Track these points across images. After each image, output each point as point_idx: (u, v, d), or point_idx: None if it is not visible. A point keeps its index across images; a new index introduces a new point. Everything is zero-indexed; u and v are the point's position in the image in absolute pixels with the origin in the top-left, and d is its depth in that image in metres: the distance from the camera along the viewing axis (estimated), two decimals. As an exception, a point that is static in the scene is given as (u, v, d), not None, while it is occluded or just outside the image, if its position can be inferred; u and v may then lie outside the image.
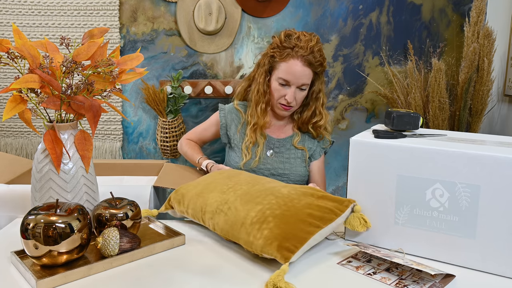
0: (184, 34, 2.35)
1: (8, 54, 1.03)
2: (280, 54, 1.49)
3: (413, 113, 1.12)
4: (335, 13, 2.42)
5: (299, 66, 1.46)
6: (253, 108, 1.60)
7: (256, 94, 1.59)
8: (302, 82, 1.48)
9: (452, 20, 2.46)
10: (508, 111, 2.24)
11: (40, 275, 0.89)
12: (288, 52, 1.47)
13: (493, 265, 0.94)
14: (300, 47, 1.46)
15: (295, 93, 1.50)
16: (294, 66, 1.46)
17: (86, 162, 1.08)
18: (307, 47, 1.46)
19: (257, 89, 1.58)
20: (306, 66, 1.46)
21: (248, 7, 2.36)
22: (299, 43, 1.47)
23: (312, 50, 1.46)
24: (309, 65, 1.46)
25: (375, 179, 1.05)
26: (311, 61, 1.46)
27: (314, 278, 0.92)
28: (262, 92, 1.57)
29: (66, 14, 2.31)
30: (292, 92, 1.49)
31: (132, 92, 2.40)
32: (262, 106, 1.57)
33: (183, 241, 1.08)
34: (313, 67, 1.47)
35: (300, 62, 1.46)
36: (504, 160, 0.90)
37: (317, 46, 1.49)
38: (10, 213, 1.27)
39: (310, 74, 1.49)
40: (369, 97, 2.50)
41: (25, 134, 2.40)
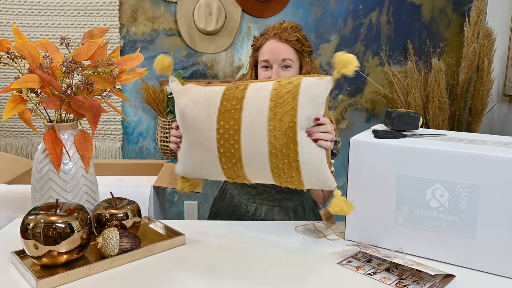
0: (184, 34, 2.35)
1: (8, 54, 1.03)
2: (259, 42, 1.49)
3: (413, 113, 1.12)
4: (335, 13, 2.42)
5: (274, 43, 1.44)
6: None
7: None
8: (281, 57, 1.42)
9: (452, 20, 2.46)
10: (508, 111, 2.24)
11: (40, 275, 0.89)
12: (264, 37, 1.48)
13: (493, 265, 0.94)
14: (274, 28, 1.46)
15: (279, 72, 1.45)
16: (270, 45, 1.44)
17: (86, 162, 1.08)
18: (280, 27, 1.45)
19: None
20: (282, 42, 1.43)
21: (248, 7, 2.36)
22: (273, 27, 1.48)
23: (286, 28, 1.44)
24: (286, 41, 1.43)
25: (375, 179, 1.04)
26: (287, 37, 1.43)
27: (314, 278, 0.93)
28: None
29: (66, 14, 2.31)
30: (275, 70, 1.44)
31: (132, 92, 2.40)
32: None
33: (183, 241, 1.08)
34: (291, 43, 1.43)
35: (274, 40, 1.44)
36: (504, 160, 0.90)
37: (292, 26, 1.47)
38: (10, 213, 1.27)
39: (289, 49, 1.44)
40: (369, 97, 2.50)
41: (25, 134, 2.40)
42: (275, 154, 1.03)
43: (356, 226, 1.09)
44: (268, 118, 1.03)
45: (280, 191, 1.43)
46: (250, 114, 1.04)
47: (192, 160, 1.13)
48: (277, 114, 1.02)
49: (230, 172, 1.10)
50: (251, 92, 1.07)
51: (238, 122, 1.04)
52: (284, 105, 1.02)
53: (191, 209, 2.60)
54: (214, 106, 1.08)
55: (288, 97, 1.03)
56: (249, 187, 1.44)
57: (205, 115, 1.08)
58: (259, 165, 1.06)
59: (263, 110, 1.03)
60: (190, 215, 2.60)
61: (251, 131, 1.03)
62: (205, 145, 1.08)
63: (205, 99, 1.10)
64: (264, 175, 1.08)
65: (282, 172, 1.05)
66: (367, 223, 1.07)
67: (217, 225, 1.22)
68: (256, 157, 1.05)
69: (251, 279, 0.92)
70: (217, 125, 1.06)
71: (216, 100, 1.08)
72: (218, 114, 1.07)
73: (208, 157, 1.09)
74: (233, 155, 1.06)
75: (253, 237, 1.13)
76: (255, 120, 1.04)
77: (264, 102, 1.04)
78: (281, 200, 1.43)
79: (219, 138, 1.06)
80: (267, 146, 1.03)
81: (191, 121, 1.09)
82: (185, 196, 2.59)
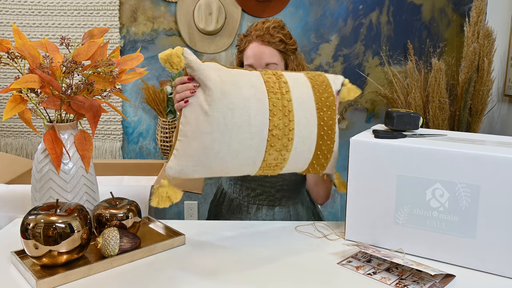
0: (184, 34, 2.35)
1: (8, 54, 1.03)
2: (242, 44, 1.46)
3: (413, 113, 1.12)
4: (335, 13, 2.42)
5: (257, 46, 1.41)
6: None
7: None
8: (265, 62, 1.39)
9: (452, 20, 2.46)
10: (508, 111, 2.24)
11: (40, 275, 0.89)
12: (247, 39, 1.44)
13: (493, 265, 0.94)
14: (256, 29, 1.42)
15: None
16: (254, 48, 1.41)
17: (86, 162, 1.08)
18: (262, 28, 1.42)
19: None
20: (265, 45, 1.40)
21: (248, 7, 2.36)
22: (255, 27, 1.44)
23: (268, 29, 1.41)
24: (269, 44, 1.39)
25: (375, 179, 1.05)
26: (269, 40, 1.39)
27: (314, 278, 0.93)
28: None
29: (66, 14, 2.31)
30: None
31: (132, 92, 2.40)
32: None
33: (183, 241, 1.08)
34: (274, 45, 1.40)
35: (257, 43, 1.41)
36: (504, 160, 0.90)
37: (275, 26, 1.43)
38: (10, 213, 1.27)
39: (272, 52, 1.41)
40: (369, 97, 2.50)
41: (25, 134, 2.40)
42: (322, 136, 1.10)
43: (356, 226, 1.09)
44: (315, 102, 1.09)
45: (280, 190, 1.43)
46: (299, 98, 1.07)
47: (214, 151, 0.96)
48: (322, 98, 1.11)
49: (271, 159, 1.04)
50: (289, 78, 1.09)
51: (291, 103, 1.05)
52: (324, 92, 1.12)
53: (191, 209, 2.60)
54: (259, 88, 1.02)
55: (326, 86, 1.14)
56: (249, 189, 1.44)
57: (251, 95, 1.00)
58: (305, 149, 1.08)
59: (309, 95, 1.10)
60: (190, 215, 2.61)
61: (303, 113, 1.06)
62: (250, 129, 0.98)
63: (245, 79, 1.02)
64: (301, 161, 1.10)
65: (322, 154, 1.12)
66: (367, 223, 1.07)
67: (217, 225, 1.22)
68: (306, 140, 1.08)
69: (251, 279, 0.92)
70: (270, 106, 1.02)
71: (259, 83, 1.03)
72: (268, 95, 1.02)
73: (249, 144, 0.99)
74: (286, 137, 1.04)
75: (253, 237, 1.13)
76: (304, 103, 1.08)
77: (307, 87, 1.10)
78: (281, 199, 1.43)
79: (273, 120, 1.01)
80: (316, 129, 1.09)
81: (233, 100, 0.97)
82: (185, 196, 2.59)
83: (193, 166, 0.97)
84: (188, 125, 0.96)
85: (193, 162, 0.96)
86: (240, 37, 1.48)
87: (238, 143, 0.97)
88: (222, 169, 1.00)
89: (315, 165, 1.12)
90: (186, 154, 0.96)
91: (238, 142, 0.97)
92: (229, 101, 0.96)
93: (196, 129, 0.95)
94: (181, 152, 0.96)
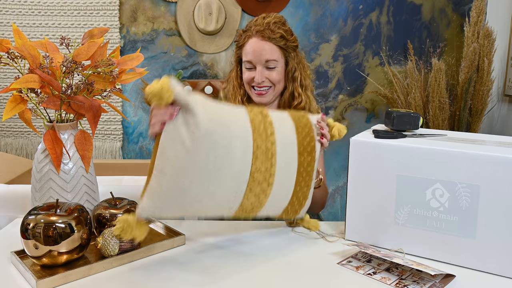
0: (184, 34, 2.35)
1: (8, 54, 1.03)
2: (241, 39, 1.43)
3: (413, 113, 1.12)
4: (335, 13, 2.42)
5: (257, 42, 1.37)
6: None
7: (232, 91, 1.50)
8: (265, 58, 1.37)
9: (452, 20, 2.46)
10: (508, 111, 2.24)
11: (40, 275, 0.89)
12: (246, 34, 1.41)
13: (493, 265, 0.94)
14: (256, 24, 1.39)
15: (263, 72, 1.39)
16: (253, 44, 1.38)
17: (86, 162, 1.08)
18: (263, 23, 1.39)
19: (232, 85, 1.51)
20: (265, 41, 1.37)
21: (248, 7, 2.36)
22: (255, 22, 1.41)
23: (269, 25, 1.37)
24: (269, 39, 1.37)
25: (375, 179, 1.04)
26: (270, 35, 1.36)
27: (314, 278, 0.92)
28: (237, 86, 1.49)
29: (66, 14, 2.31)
30: (259, 72, 1.38)
31: (132, 92, 2.40)
32: (239, 99, 1.48)
33: (183, 241, 1.08)
34: (274, 41, 1.37)
35: (257, 38, 1.37)
36: (504, 160, 0.90)
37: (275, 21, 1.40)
38: (10, 213, 1.27)
39: (273, 48, 1.38)
40: (369, 97, 2.50)
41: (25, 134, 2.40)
42: (300, 182, 1.08)
43: (356, 226, 1.09)
44: (298, 146, 1.07)
45: None
46: (282, 141, 1.03)
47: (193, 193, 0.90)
48: (304, 143, 1.08)
49: (247, 204, 0.99)
50: (274, 118, 1.05)
51: (274, 146, 1.01)
52: (307, 136, 1.09)
53: (191, 209, 2.60)
54: (245, 127, 0.97)
55: (308, 130, 1.10)
56: None
57: (236, 135, 0.94)
58: (282, 194, 1.05)
59: (293, 138, 1.07)
60: (190, 215, 2.60)
61: (285, 157, 1.03)
62: (232, 171, 0.93)
63: (230, 116, 0.96)
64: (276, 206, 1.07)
65: (298, 200, 1.09)
66: (367, 223, 1.07)
67: (217, 225, 1.22)
68: (284, 185, 1.05)
69: (251, 279, 0.92)
70: (254, 148, 0.96)
71: (245, 121, 0.98)
72: (253, 135, 0.97)
73: (228, 186, 0.94)
74: (265, 182, 0.99)
75: (253, 237, 1.13)
76: (287, 147, 1.04)
77: (291, 129, 1.07)
78: None
79: (255, 163, 0.96)
80: (295, 175, 1.06)
81: (218, 140, 0.90)
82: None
83: (168, 207, 0.90)
84: (167, 162, 0.87)
85: (168, 203, 0.89)
86: (239, 32, 1.46)
87: (217, 185, 0.92)
88: (197, 210, 0.95)
89: (289, 211, 1.09)
90: (161, 195, 0.88)
91: (217, 185, 0.92)
92: (213, 140, 0.89)
93: (175, 168, 0.87)
94: (156, 192, 0.88)
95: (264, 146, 0.99)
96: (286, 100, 1.48)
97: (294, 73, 1.45)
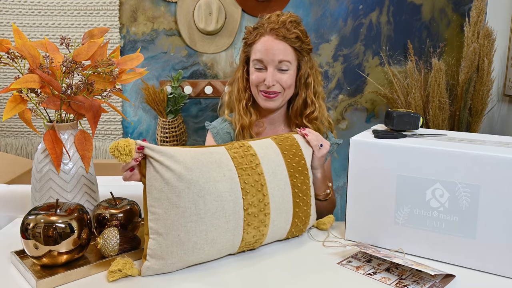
0: (184, 34, 2.35)
1: (8, 54, 1.03)
2: (252, 37, 1.33)
3: (413, 113, 1.12)
4: (335, 13, 2.42)
5: (271, 40, 1.28)
6: (236, 110, 1.40)
7: (237, 94, 1.40)
8: (278, 59, 1.28)
9: (452, 20, 2.46)
10: (508, 111, 2.24)
11: (40, 275, 0.89)
12: (258, 31, 1.31)
13: (493, 265, 0.94)
14: (270, 22, 1.30)
15: (274, 75, 1.30)
16: (266, 42, 1.28)
17: (86, 162, 1.08)
18: (277, 21, 1.29)
19: (237, 88, 1.41)
20: (280, 40, 1.27)
21: (248, 7, 2.36)
22: (269, 19, 1.31)
23: (284, 23, 1.28)
24: (284, 39, 1.27)
25: (375, 179, 1.04)
26: (285, 35, 1.27)
27: (314, 278, 0.92)
28: (242, 89, 1.39)
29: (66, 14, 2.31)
30: (271, 73, 1.29)
31: (132, 92, 2.40)
32: (243, 103, 1.38)
33: (183, 241, 1.08)
34: (289, 41, 1.28)
35: (271, 37, 1.28)
36: (504, 160, 0.90)
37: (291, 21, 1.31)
38: (10, 213, 1.27)
39: (287, 49, 1.29)
40: (369, 97, 2.50)
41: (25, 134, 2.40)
42: (298, 203, 1.07)
43: (356, 226, 1.09)
44: (287, 169, 1.06)
45: None
46: (270, 169, 1.02)
47: (191, 243, 0.91)
48: (293, 164, 1.07)
49: (249, 238, 0.99)
50: (257, 148, 1.04)
51: (263, 177, 1.00)
52: (295, 157, 1.09)
53: (191, 209, 2.60)
54: (227, 167, 0.96)
55: (296, 149, 1.10)
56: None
57: (220, 176, 0.94)
58: (282, 220, 1.04)
59: (281, 163, 1.05)
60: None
61: (276, 184, 1.02)
62: (225, 213, 0.93)
63: (210, 160, 0.95)
64: (280, 232, 1.06)
65: (300, 220, 1.08)
66: (367, 223, 1.07)
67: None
68: (282, 211, 1.03)
69: (251, 279, 0.92)
70: (241, 184, 0.96)
71: (226, 160, 0.97)
72: (238, 172, 0.97)
73: (226, 228, 0.94)
74: (262, 213, 0.99)
75: (253, 237, 1.13)
76: (277, 173, 1.03)
77: (277, 155, 1.06)
78: None
79: (246, 198, 0.96)
80: (291, 197, 1.05)
81: (203, 186, 0.92)
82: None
83: (171, 263, 0.91)
84: (159, 222, 0.90)
85: (171, 259, 0.91)
86: (248, 29, 1.36)
87: (214, 230, 0.93)
88: (201, 258, 0.95)
89: (294, 232, 1.09)
90: (162, 253, 0.90)
91: (214, 229, 0.93)
92: (199, 189, 0.91)
93: (168, 225, 0.89)
94: (157, 251, 0.90)
95: (251, 179, 0.98)
96: (298, 108, 1.39)
97: (307, 79, 1.37)
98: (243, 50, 1.40)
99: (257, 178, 0.99)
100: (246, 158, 1.00)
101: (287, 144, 1.10)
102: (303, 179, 1.08)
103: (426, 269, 0.90)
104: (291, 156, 1.08)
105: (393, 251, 1.04)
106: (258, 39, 1.31)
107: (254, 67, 1.33)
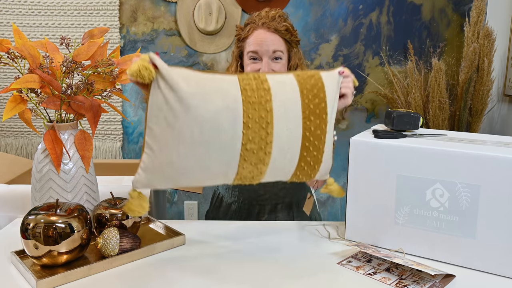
0: (184, 34, 2.35)
1: (8, 54, 1.03)
2: (244, 32, 1.40)
3: (413, 113, 1.12)
4: (335, 13, 2.42)
5: (263, 33, 1.35)
6: None
7: None
8: (273, 49, 1.34)
9: (452, 20, 2.46)
10: (508, 111, 2.24)
11: (40, 275, 0.89)
12: (250, 26, 1.38)
13: (493, 265, 0.94)
14: (261, 17, 1.38)
15: (270, 64, 1.36)
16: (259, 35, 1.35)
17: (86, 162, 1.08)
18: (268, 16, 1.37)
19: None
20: (272, 32, 1.35)
21: (248, 7, 2.36)
22: (259, 15, 1.40)
23: (274, 17, 1.36)
24: (275, 31, 1.35)
25: (375, 179, 1.04)
26: (276, 27, 1.34)
27: (314, 278, 0.93)
28: None
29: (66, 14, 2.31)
30: (266, 62, 1.35)
31: (132, 92, 2.40)
32: None
33: (183, 241, 1.08)
34: (280, 33, 1.35)
35: (263, 30, 1.35)
36: (504, 160, 0.90)
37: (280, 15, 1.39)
38: (10, 213, 1.27)
39: (279, 40, 1.36)
40: (369, 97, 2.50)
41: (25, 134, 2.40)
42: (308, 147, 1.00)
43: (356, 226, 1.09)
44: (302, 110, 0.99)
45: (283, 188, 1.42)
46: (282, 107, 0.96)
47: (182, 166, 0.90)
48: (311, 106, 0.99)
49: (245, 172, 0.96)
50: (273, 83, 0.98)
51: (271, 114, 0.94)
52: (315, 98, 1.00)
53: (191, 209, 2.60)
54: (233, 97, 0.92)
55: (318, 90, 1.00)
56: (250, 191, 1.43)
57: (223, 107, 0.90)
58: (286, 161, 0.99)
59: (296, 102, 0.98)
60: (190, 215, 2.60)
61: (285, 123, 0.97)
62: (221, 143, 0.91)
63: (217, 88, 0.92)
64: (282, 173, 1.02)
65: (308, 165, 1.02)
66: (367, 223, 1.07)
67: (217, 225, 1.22)
68: (287, 152, 0.98)
69: (251, 279, 0.92)
70: (244, 118, 0.92)
71: (235, 90, 0.93)
72: (244, 105, 0.92)
73: (219, 159, 0.92)
74: (262, 151, 0.94)
75: (253, 236, 1.13)
76: (289, 112, 0.97)
77: (295, 92, 0.98)
78: (285, 196, 1.43)
79: (247, 133, 0.92)
80: (300, 140, 0.99)
81: (202, 114, 0.88)
82: (185, 196, 2.59)
83: (160, 179, 0.91)
84: (154, 139, 0.88)
85: (160, 176, 0.90)
86: (239, 27, 1.43)
87: (207, 159, 0.90)
88: (191, 182, 0.93)
89: (299, 175, 1.04)
90: (152, 169, 0.89)
91: (207, 158, 0.90)
92: (197, 115, 0.88)
93: (162, 143, 0.88)
94: (148, 166, 0.89)
95: (257, 115, 0.94)
96: None
97: (296, 68, 1.43)
98: (236, 45, 1.45)
99: (263, 115, 0.94)
100: (257, 92, 0.95)
101: (310, 83, 1.01)
102: (318, 123, 1.00)
103: (426, 269, 0.90)
104: (311, 97, 1.00)
105: (393, 251, 1.04)
106: (251, 33, 1.38)
107: (249, 59, 1.39)
